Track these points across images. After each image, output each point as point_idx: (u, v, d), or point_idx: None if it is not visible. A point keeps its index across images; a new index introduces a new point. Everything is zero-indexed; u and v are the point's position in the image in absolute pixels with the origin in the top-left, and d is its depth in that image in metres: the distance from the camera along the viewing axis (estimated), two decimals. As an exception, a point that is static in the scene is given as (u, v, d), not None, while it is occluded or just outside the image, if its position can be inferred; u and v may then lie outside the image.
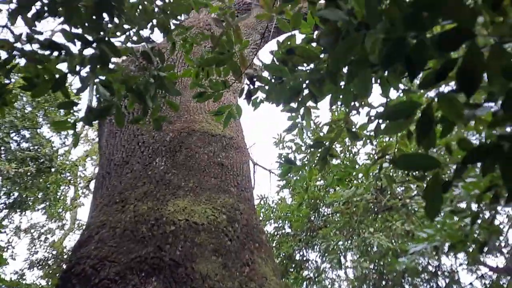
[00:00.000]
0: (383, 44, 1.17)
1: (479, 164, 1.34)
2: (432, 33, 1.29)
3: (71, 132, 13.96)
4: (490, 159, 1.08)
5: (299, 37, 2.22)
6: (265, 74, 2.23)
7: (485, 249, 2.50)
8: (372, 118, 2.41)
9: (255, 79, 2.10)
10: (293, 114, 2.50)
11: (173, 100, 3.00)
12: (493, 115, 1.36)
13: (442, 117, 1.33)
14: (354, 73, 1.29)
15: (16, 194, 13.34)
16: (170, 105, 2.78)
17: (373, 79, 1.63)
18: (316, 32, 2.19)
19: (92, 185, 17.27)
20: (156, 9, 2.80)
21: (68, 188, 16.28)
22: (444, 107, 1.13)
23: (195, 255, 2.61)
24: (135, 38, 2.77)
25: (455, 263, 9.38)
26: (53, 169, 12.75)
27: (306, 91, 1.95)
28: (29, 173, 12.40)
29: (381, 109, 2.40)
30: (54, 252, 16.60)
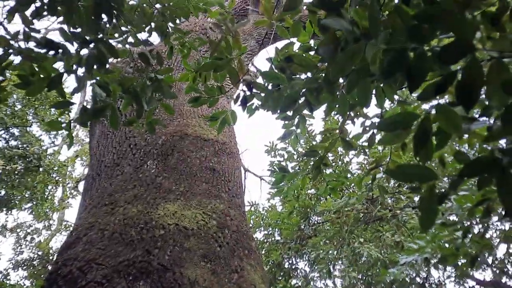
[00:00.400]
0: (383, 55, 1.17)
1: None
2: (429, 46, 1.30)
3: (60, 131, 13.85)
4: (487, 173, 1.08)
5: (295, 45, 2.22)
6: (259, 80, 2.22)
7: (476, 263, 2.51)
8: (367, 128, 2.41)
9: (252, 86, 2.09)
10: (288, 122, 2.50)
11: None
12: (488, 129, 1.37)
13: (438, 129, 1.33)
14: (355, 83, 1.29)
15: (2, 192, 13.16)
16: (166, 108, 2.77)
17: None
18: (312, 41, 2.20)
19: (81, 186, 17.10)
20: (155, 12, 2.80)
21: (55, 188, 16.07)
22: (442, 119, 1.13)
23: (184, 260, 2.58)
24: (131, 40, 2.76)
25: (442, 276, 9.42)
26: (41, 168, 12.60)
27: (301, 100, 1.95)
28: (16, 172, 12.24)
29: (375, 119, 2.41)
30: (39, 253, 16.37)
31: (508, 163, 1.02)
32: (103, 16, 2.26)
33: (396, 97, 2.35)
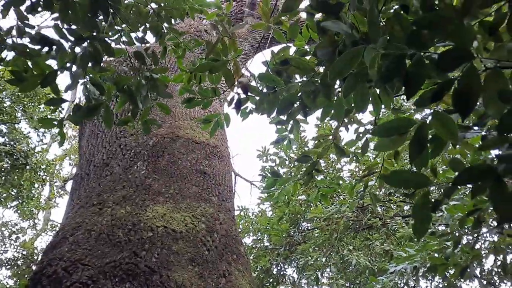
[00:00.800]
0: (382, 60, 1.17)
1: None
2: (425, 53, 1.30)
3: (50, 129, 13.68)
4: (481, 181, 1.07)
5: (291, 50, 2.22)
6: (253, 84, 2.21)
7: (466, 273, 2.51)
8: (361, 135, 2.42)
9: (247, 88, 2.08)
10: (281, 126, 2.49)
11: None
12: (482, 138, 1.37)
13: (433, 136, 1.33)
14: (352, 87, 1.29)
15: (-12, 189, 12.94)
16: (161, 108, 2.74)
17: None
18: (306, 46, 2.20)
19: (68, 185, 16.89)
20: (150, 12, 2.77)
21: (42, 188, 15.85)
22: (438, 125, 1.13)
23: (171, 263, 2.56)
24: (125, 39, 2.73)
25: (430, 285, 9.45)
26: (28, 166, 12.42)
27: (296, 103, 1.94)
28: (3, 169, 12.06)
29: (369, 126, 2.41)
30: (24, 252, 16.12)
31: (504, 170, 1.02)
32: (99, 13, 2.24)
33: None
